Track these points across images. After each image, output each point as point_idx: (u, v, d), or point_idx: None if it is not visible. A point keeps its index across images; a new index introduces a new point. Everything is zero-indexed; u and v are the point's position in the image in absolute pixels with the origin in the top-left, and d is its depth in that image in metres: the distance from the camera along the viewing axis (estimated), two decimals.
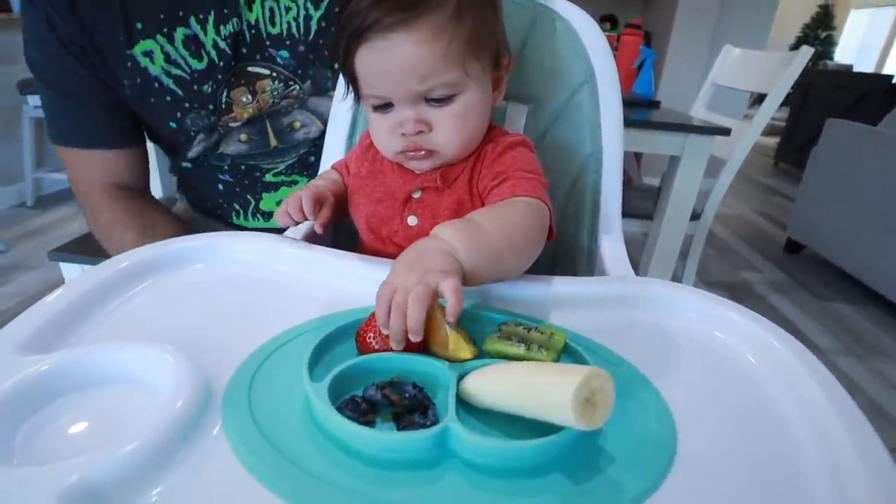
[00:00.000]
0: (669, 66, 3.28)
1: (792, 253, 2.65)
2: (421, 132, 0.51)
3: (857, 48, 8.67)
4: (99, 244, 0.85)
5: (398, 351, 0.39)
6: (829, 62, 7.69)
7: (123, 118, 0.81)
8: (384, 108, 0.52)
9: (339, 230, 0.75)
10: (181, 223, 0.89)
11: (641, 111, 1.60)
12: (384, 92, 0.50)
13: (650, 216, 1.60)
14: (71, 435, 0.33)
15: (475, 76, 0.51)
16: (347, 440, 0.32)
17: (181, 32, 0.74)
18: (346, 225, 0.67)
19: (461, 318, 0.39)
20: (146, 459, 0.30)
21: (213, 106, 0.80)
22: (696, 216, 1.63)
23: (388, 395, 0.35)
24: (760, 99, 1.62)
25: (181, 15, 0.74)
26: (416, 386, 0.36)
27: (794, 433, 0.36)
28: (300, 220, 0.57)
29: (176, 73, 0.77)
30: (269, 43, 0.79)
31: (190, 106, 0.80)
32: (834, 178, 2.31)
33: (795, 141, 4.31)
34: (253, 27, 0.77)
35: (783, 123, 4.56)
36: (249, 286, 0.52)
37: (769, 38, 3.32)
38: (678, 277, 1.81)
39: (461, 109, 0.51)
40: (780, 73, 1.49)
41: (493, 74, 0.55)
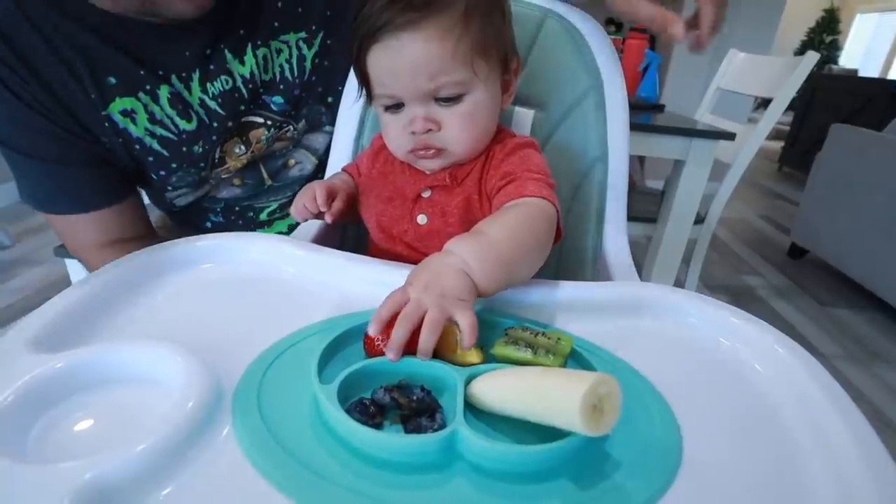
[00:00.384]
0: (674, 69, 3.28)
1: (795, 258, 2.65)
2: (430, 131, 0.53)
3: (862, 53, 8.65)
4: None
5: (403, 356, 0.39)
6: (834, 67, 7.67)
7: (110, 171, 0.72)
8: (395, 108, 0.53)
9: (345, 237, 0.75)
10: None
11: (646, 115, 1.60)
12: (395, 91, 0.51)
13: (653, 220, 1.60)
14: (82, 433, 0.34)
15: (483, 76, 0.52)
16: (356, 442, 0.33)
17: (165, 90, 0.68)
18: (352, 230, 0.67)
19: None
20: (157, 459, 0.31)
21: (203, 164, 0.75)
22: (699, 220, 1.63)
23: (396, 397, 0.35)
24: (765, 103, 1.62)
25: (161, 74, 0.68)
26: (423, 389, 0.36)
27: (798, 440, 0.37)
28: (315, 211, 0.58)
29: (162, 133, 0.70)
30: (262, 90, 0.74)
31: (178, 166, 0.73)
32: (838, 183, 2.30)
33: (800, 146, 4.30)
34: (249, 81, 0.72)
35: (788, 128, 4.55)
36: (259, 287, 0.53)
37: (774, 42, 3.32)
38: (681, 281, 1.81)
39: (469, 109, 0.53)
40: (785, 77, 1.49)
41: (502, 77, 0.56)
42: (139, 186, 0.80)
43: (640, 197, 1.90)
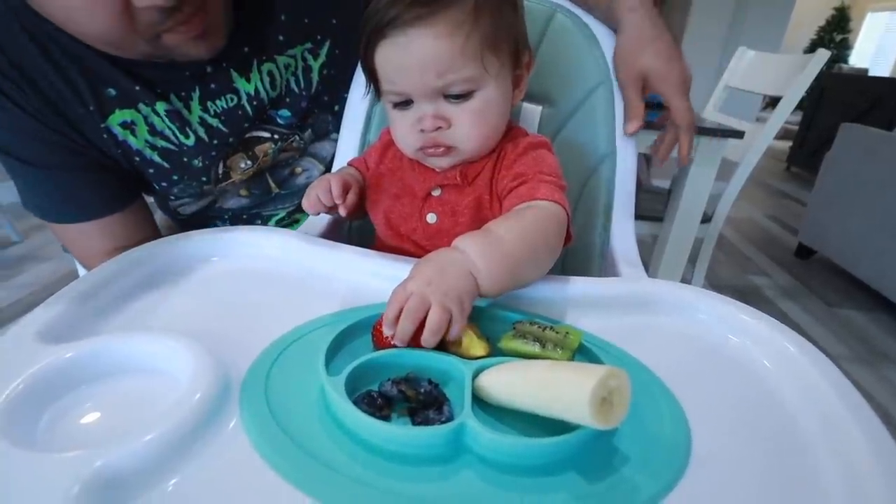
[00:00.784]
0: None
1: (803, 258, 2.63)
2: (439, 128, 0.52)
3: (872, 52, 8.59)
4: None
5: (412, 347, 0.39)
6: (843, 66, 7.61)
7: (114, 178, 0.71)
8: (404, 105, 0.52)
9: (352, 234, 0.75)
10: None
11: (653, 112, 1.58)
12: (404, 88, 0.50)
13: (660, 218, 1.59)
14: (91, 423, 0.34)
15: (493, 73, 0.51)
16: (363, 434, 0.33)
17: (163, 106, 0.66)
18: (359, 226, 0.67)
19: (475, 315, 0.41)
20: (165, 449, 0.31)
21: (205, 178, 0.73)
22: (706, 219, 1.61)
23: (403, 390, 0.35)
24: (774, 102, 1.60)
25: (159, 92, 0.66)
26: (431, 382, 0.36)
27: (807, 436, 0.36)
28: (330, 203, 0.56)
29: (163, 145, 0.69)
30: (268, 105, 0.73)
31: (179, 178, 0.72)
32: (847, 183, 2.28)
33: (808, 145, 4.27)
34: (254, 99, 0.71)
35: (796, 127, 4.51)
36: (267, 280, 0.53)
37: (784, 40, 3.30)
38: (687, 281, 1.80)
39: (480, 106, 0.51)
40: (794, 76, 1.47)
41: (513, 72, 0.54)
42: (144, 193, 0.79)
43: (646, 196, 1.89)
